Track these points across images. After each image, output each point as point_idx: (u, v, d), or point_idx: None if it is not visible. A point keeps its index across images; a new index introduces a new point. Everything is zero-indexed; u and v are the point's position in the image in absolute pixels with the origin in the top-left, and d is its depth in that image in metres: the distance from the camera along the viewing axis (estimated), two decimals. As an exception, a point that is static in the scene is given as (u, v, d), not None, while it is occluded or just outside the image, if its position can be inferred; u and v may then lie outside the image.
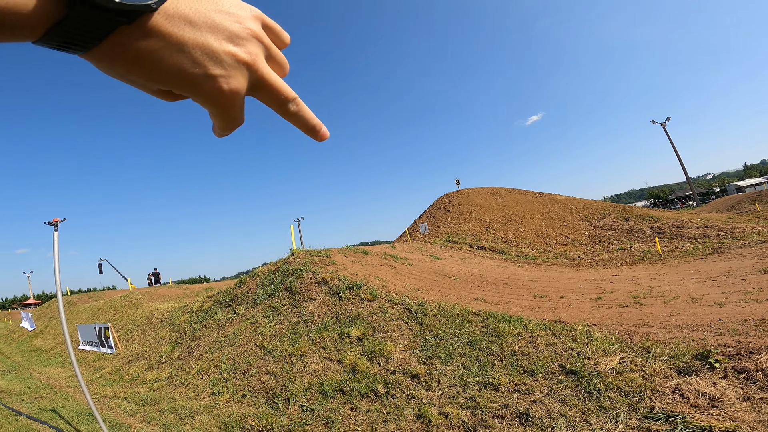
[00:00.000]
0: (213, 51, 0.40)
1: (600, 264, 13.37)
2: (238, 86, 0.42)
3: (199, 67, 0.39)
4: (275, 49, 0.47)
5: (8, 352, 15.92)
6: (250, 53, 0.42)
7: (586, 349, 4.54)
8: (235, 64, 0.41)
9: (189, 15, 0.38)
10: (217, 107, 0.43)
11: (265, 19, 0.47)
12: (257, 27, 0.44)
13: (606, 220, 19.91)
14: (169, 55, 0.37)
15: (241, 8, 0.43)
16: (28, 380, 9.37)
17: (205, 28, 0.39)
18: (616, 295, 7.70)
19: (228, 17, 0.41)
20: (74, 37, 0.34)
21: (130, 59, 0.37)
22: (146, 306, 13.39)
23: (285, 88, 0.46)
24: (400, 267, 10.99)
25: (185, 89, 0.41)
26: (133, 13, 0.34)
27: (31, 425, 5.56)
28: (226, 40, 0.41)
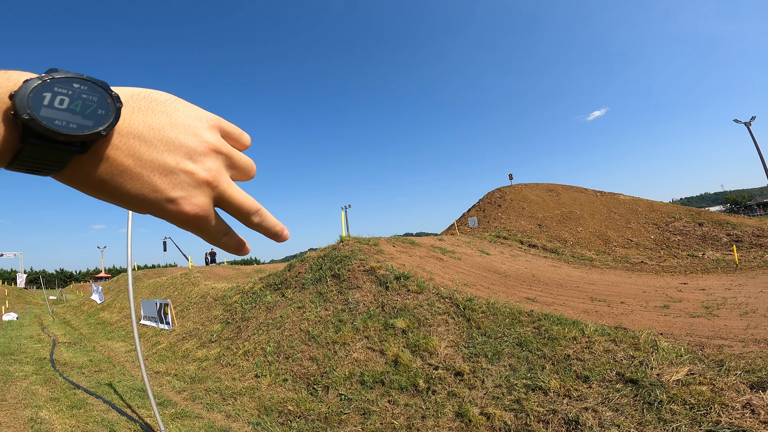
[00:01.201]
0: (171, 171, 0.39)
1: (666, 270, 12.38)
2: (201, 204, 0.41)
3: (158, 192, 0.38)
4: (237, 156, 0.45)
5: (76, 324, 17.42)
6: (210, 170, 0.41)
7: (649, 358, 4.19)
8: (195, 184, 0.40)
9: (143, 133, 0.38)
10: (187, 227, 0.42)
11: (223, 125, 0.45)
12: (215, 138, 0.43)
13: (676, 224, 18.42)
14: (128, 180, 0.37)
15: (196, 118, 0.42)
16: (91, 353, 10.18)
17: (160, 146, 0.39)
18: (685, 304, 7.07)
19: (184, 131, 0.40)
20: (36, 166, 0.35)
21: (93, 185, 0.37)
22: (202, 284, 14.13)
23: (247, 203, 0.44)
24: (448, 260, 10.79)
25: (151, 212, 0.40)
26: (85, 143, 0.35)
27: (87, 399, 6.00)
28: (184, 158, 0.40)
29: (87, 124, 0.35)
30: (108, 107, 0.36)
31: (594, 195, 24.11)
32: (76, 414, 5.20)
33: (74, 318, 19.63)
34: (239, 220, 0.46)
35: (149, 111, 0.39)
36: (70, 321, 18.73)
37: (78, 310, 22.16)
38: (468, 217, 22.95)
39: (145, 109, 0.39)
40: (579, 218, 20.48)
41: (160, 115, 0.40)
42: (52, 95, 0.34)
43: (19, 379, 7.00)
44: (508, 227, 19.84)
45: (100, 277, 52.87)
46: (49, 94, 0.34)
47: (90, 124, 0.35)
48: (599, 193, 24.42)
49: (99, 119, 0.35)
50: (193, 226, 0.42)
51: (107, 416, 5.21)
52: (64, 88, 0.35)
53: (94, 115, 0.35)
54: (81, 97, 0.36)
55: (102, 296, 20.69)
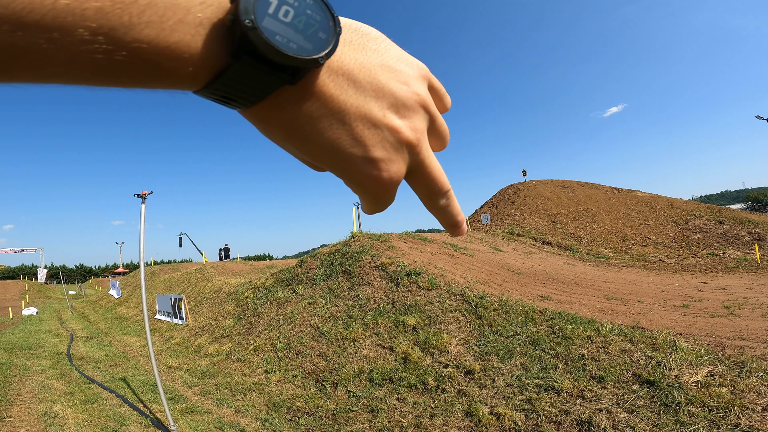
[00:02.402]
0: (376, 123, 0.33)
1: (686, 269, 12.07)
2: (397, 173, 0.35)
3: (358, 146, 0.33)
4: (440, 119, 0.39)
5: (94, 318, 17.79)
6: (416, 130, 0.35)
7: (668, 359, 4.05)
8: (398, 145, 0.34)
9: (354, 72, 0.32)
10: (368, 194, 0.36)
11: (432, 78, 0.39)
12: (425, 91, 0.37)
13: (696, 222, 17.95)
14: (328, 125, 0.32)
15: (408, 65, 0.36)
16: (107, 348, 10.36)
17: (369, 90, 0.33)
18: (705, 304, 6.86)
19: (395, 77, 0.34)
20: (235, 92, 0.30)
21: (287, 126, 0.32)
22: (216, 280, 14.27)
23: (442, 179, 0.39)
24: (459, 257, 10.67)
25: (337, 170, 0.35)
26: (300, 69, 0.29)
27: (100, 394, 6.07)
28: (391, 110, 0.34)
29: (307, 46, 0.29)
30: (329, 31, 0.31)
31: (611, 192, 23.65)
32: (89, 408, 5.27)
33: (92, 312, 20.05)
34: (424, 199, 0.40)
35: (361, 47, 0.34)
36: (88, 315, 19.14)
37: (96, 304, 22.65)
38: (481, 214, 22.75)
39: (357, 43, 0.34)
40: (595, 215, 20.12)
41: (371, 53, 0.34)
42: (278, 3, 0.28)
43: (36, 373, 7.13)
44: (522, 224, 19.58)
45: (118, 272, 53.88)
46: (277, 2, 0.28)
47: (310, 48, 0.29)
48: (616, 190, 23.94)
49: (319, 43, 0.30)
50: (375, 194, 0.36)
51: (119, 411, 5.26)
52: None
53: (315, 38, 0.30)
54: (306, 13, 0.30)
55: (119, 291, 21.11)
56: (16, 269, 64.78)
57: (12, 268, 65.51)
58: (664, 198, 21.72)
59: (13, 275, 59.95)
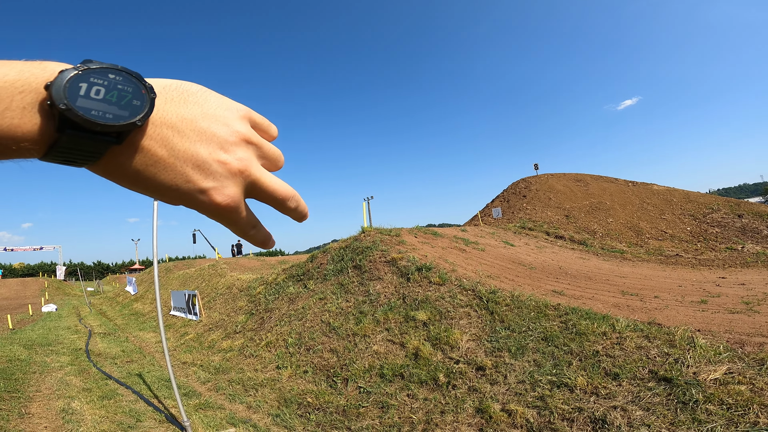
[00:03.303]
0: (203, 162, 0.39)
1: (703, 264, 11.80)
2: (232, 195, 0.41)
3: (190, 182, 0.39)
4: (267, 146, 0.45)
5: (112, 315, 18.11)
6: (242, 160, 0.41)
7: (685, 356, 3.96)
8: (228, 174, 0.40)
9: (177, 124, 0.38)
10: (218, 218, 0.42)
11: (252, 116, 0.46)
12: (245, 129, 0.43)
13: (714, 216, 17.53)
14: (162, 170, 0.37)
15: (227, 109, 0.43)
16: (123, 344, 10.52)
17: (193, 137, 0.39)
18: (723, 300, 6.68)
19: (215, 122, 0.40)
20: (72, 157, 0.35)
21: (127, 176, 0.37)
22: (228, 276, 14.41)
23: (282, 189, 0.45)
24: (471, 251, 10.59)
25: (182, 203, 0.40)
26: (120, 134, 0.35)
27: (117, 389, 6.16)
28: (216, 148, 0.40)
29: (123, 114, 0.35)
30: (143, 98, 0.36)
31: (625, 185, 23.22)
32: (106, 405, 5.35)
33: (110, 309, 20.43)
34: (275, 207, 0.46)
35: (182, 102, 0.40)
36: (105, 312, 19.50)
37: (113, 301, 23.06)
38: (492, 208, 22.54)
39: (178, 99, 0.40)
40: (609, 209, 19.78)
41: (192, 105, 0.40)
42: (88, 85, 0.34)
43: (54, 369, 7.28)
44: (534, 218, 19.35)
45: (134, 268, 54.83)
46: (85, 84, 0.34)
47: (126, 115, 0.35)
48: (631, 183, 23.50)
49: (134, 110, 0.35)
50: (223, 217, 0.42)
51: (135, 407, 5.34)
52: (99, 78, 0.35)
53: (130, 106, 0.35)
54: (116, 88, 0.35)
55: (135, 287, 21.45)
56: (35, 267, 66.32)
57: (31, 265, 67.06)
58: (680, 191, 21.25)
59: (32, 272, 61.36)
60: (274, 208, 0.46)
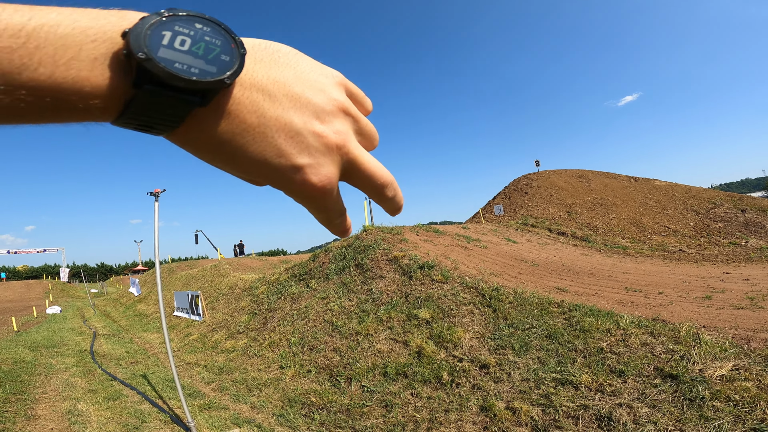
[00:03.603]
0: (297, 132, 0.34)
1: (707, 259, 11.76)
2: (328, 176, 0.36)
3: (283, 156, 0.34)
4: (364, 120, 0.41)
5: (116, 316, 18.17)
6: (339, 133, 0.37)
7: (691, 352, 3.94)
8: (324, 149, 0.35)
9: (268, 87, 0.34)
10: (308, 201, 0.38)
11: (348, 84, 0.41)
12: (342, 96, 0.39)
13: (717, 211, 17.47)
14: (251, 140, 0.33)
15: (322, 74, 0.38)
16: (128, 345, 10.57)
17: (286, 103, 0.34)
18: (728, 295, 6.66)
19: (310, 87, 0.36)
20: (150, 120, 0.31)
21: (211, 146, 0.33)
22: (231, 276, 14.42)
23: (382, 173, 0.40)
24: (473, 249, 10.57)
25: (270, 182, 0.36)
26: (207, 92, 0.30)
27: (122, 391, 6.20)
28: (312, 117, 0.35)
29: (210, 70, 0.30)
30: (232, 53, 0.32)
31: (627, 181, 23.16)
32: (112, 406, 5.37)
33: (114, 310, 20.50)
34: (370, 194, 0.41)
35: (272, 63, 0.35)
36: (110, 313, 19.57)
37: (117, 302, 23.14)
38: (493, 205, 22.50)
39: (268, 60, 0.35)
40: (611, 205, 19.74)
41: (284, 67, 0.35)
42: (172, 34, 0.30)
43: (60, 371, 7.31)
44: (536, 215, 19.31)
45: (137, 270, 54.95)
46: (169, 33, 0.30)
47: (213, 71, 0.30)
48: (633, 179, 23.43)
49: (223, 66, 0.31)
50: (314, 201, 0.37)
51: (140, 408, 5.36)
52: (185, 27, 0.31)
53: (218, 61, 0.31)
54: (204, 39, 0.31)
55: (139, 289, 21.54)
56: (39, 269, 66.61)
57: (35, 267, 67.37)
58: (683, 186, 21.18)
59: (36, 275, 61.65)
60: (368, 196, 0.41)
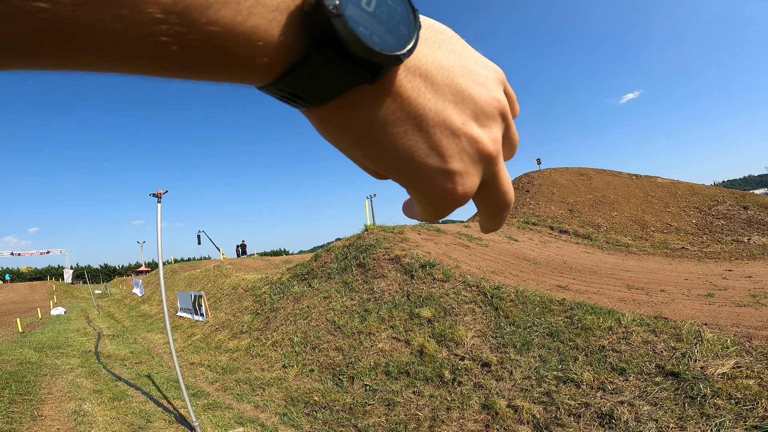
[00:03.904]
0: (455, 131, 0.29)
1: (709, 257, 11.74)
2: (472, 188, 0.31)
3: (435, 156, 0.29)
4: (513, 127, 0.35)
5: (120, 316, 18.24)
6: (496, 141, 0.31)
7: (693, 350, 3.95)
8: (476, 156, 0.30)
9: (432, 73, 0.29)
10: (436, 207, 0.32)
11: (506, 84, 0.35)
12: (503, 96, 0.33)
13: (719, 208, 17.42)
14: (403, 131, 0.28)
15: (485, 68, 0.32)
16: (132, 345, 10.63)
17: (448, 95, 0.29)
18: (730, 293, 6.65)
19: (474, 80, 0.31)
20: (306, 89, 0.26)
21: (358, 129, 0.28)
22: (234, 276, 14.47)
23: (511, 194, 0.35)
24: (474, 247, 10.58)
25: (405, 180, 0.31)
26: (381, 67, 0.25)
27: (127, 391, 6.25)
28: (470, 117, 0.30)
29: (389, 41, 0.25)
30: (410, 25, 0.27)
31: (629, 178, 23.11)
32: (117, 406, 5.41)
33: (118, 311, 20.59)
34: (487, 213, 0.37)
35: (437, 45, 0.30)
36: (114, 314, 19.65)
37: (121, 303, 23.22)
38: (496, 204, 22.48)
39: (433, 41, 0.30)
40: (613, 202, 19.71)
41: (449, 53, 0.30)
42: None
43: (65, 372, 7.36)
44: (537, 213, 19.31)
45: (140, 270, 55.10)
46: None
47: (392, 42, 0.26)
48: (634, 177, 23.39)
49: (401, 39, 0.26)
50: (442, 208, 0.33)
51: (145, 408, 5.40)
52: None
53: (397, 32, 0.26)
54: (387, 3, 0.26)
55: (142, 289, 21.60)
56: (42, 270, 66.88)
57: (39, 269, 67.65)
58: (685, 183, 21.13)
59: (40, 276, 61.94)
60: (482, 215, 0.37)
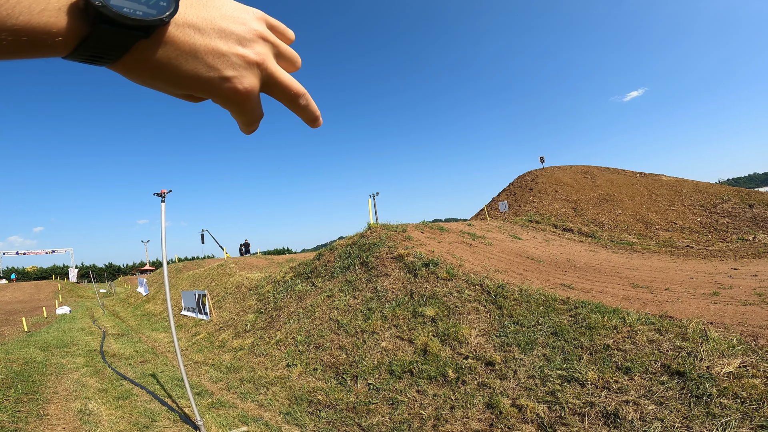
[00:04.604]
0: (223, 54, 0.43)
1: (714, 255, 11.67)
2: (251, 85, 0.46)
3: (213, 70, 0.43)
4: (283, 46, 0.50)
5: (124, 315, 18.31)
6: (259, 53, 0.46)
7: (698, 349, 3.92)
8: (246, 65, 0.45)
9: (197, 23, 0.42)
10: (234, 106, 0.47)
11: (269, 19, 0.50)
12: (262, 28, 0.48)
13: (724, 206, 17.31)
14: (184, 62, 0.42)
15: (244, 12, 0.47)
16: (137, 344, 10.66)
17: (213, 34, 0.43)
18: (736, 291, 6.60)
19: (233, 21, 0.45)
20: (100, 52, 0.38)
21: (151, 68, 0.41)
22: (237, 275, 14.51)
23: (295, 85, 0.49)
24: (478, 246, 10.56)
25: (204, 92, 0.45)
26: (149, 27, 0.39)
27: (132, 390, 6.25)
28: (235, 43, 0.44)
29: (151, 12, 0.38)
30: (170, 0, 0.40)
31: (633, 176, 23.00)
32: (122, 405, 5.42)
33: (122, 310, 20.66)
34: (285, 103, 0.50)
35: (201, 5, 0.43)
36: (118, 313, 19.73)
37: (126, 302, 23.30)
38: (498, 202, 22.44)
39: (197, 4, 0.43)
40: (617, 201, 19.62)
41: (211, 8, 0.44)
42: None
43: (71, 371, 7.39)
44: (541, 211, 19.24)
45: (145, 269, 55.25)
46: None
47: (154, 13, 0.38)
48: (639, 175, 23.27)
49: (161, 9, 0.39)
50: (240, 105, 0.47)
51: (150, 406, 5.41)
52: None
53: (157, 6, 0.39)
54: None
55: (147, 288, 21.68)
56: (48, 270, 67.19)
57: (44, 268, 67.97)
58: (689, 181, 21.01)
59: (45, 276, 62.22)
60: (286, 106, 0.50)
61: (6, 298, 28.56)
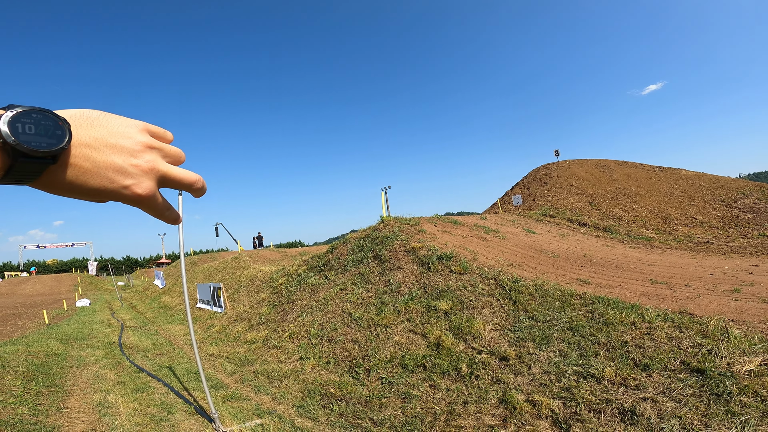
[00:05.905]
0: (120, 167, 0.51)
1: (735, 251, 11.37)
2: (148, 188, 0.53)
3: (114, 182, 0.51)
4: (167, 147, 0.58)
5: (142, 308, 18.65)
6: (148, 161, 0.54)
7: (719, 346, 3.82)
8: (141, 173, 0.53)
9: (91, 143, 0.50)
10: (142, 207, 0.55)
11: (149, 127, 0.58)
12: (146, 138, 0.55)
13: (746, 201, 16.84)
14: (90, 177, 0.49)
15: (127, 126, 0.54)
16: (154, 337, 10.84)
17: (107, 151, 0.51)
18: (757, 288, 6.42)
19: (121, 137, 0.52)
20: (21, 177, 0.47)
21: (63, 186, 0.49)
22: (251, 268, 14.65)
23: (187, 176, 0.58)
24: (491, 239, 10.47)
25: (112, 199, 0.53)
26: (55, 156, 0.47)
27: (149, 382, 6.35)
28: (128, 156, 0.52)
29: (53, 142, 0.46)
30: (62, 128, 0.47)
31: (651, 170, 22.52)
32: (140, 398, 5.52)
33: (140, 302, 21.08)
34: (186, 190, 0.59)
35: (89, 126, 0.51)
36: (136, 305, 20.13)
37: (143, 294, 23.76)
38: (512, 195, 22.19)
39: (86, 125, 0.50)
40: (635, 195, 19.24)
41: (98, 128, 0.51)
42: (22, 125, 0.46)
43: (90, 363, 7.55)
44: (555, 205, 18.98)
45: (161, 262, 56.18)
46: (20, 124, 0.45)
47: (54, 142, 0.46)
48: (657, 169, 22.77)
49: (59, 138, 0.47)
50: (144, 204, 0.55)
51: (166, 399, 5.50)
52: (27, 118, 0.46)
53: (55, 135, 0.46)
54: (41, 123, 0.46)
55: (163, 281, 22.06)
56: (68, 263, 68.82)
57: (64, 261, 69.62)
58: (710, 176, 20.47)
59: (65, 269, 63.75)
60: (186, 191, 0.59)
61: (27, 290, 29.39)
